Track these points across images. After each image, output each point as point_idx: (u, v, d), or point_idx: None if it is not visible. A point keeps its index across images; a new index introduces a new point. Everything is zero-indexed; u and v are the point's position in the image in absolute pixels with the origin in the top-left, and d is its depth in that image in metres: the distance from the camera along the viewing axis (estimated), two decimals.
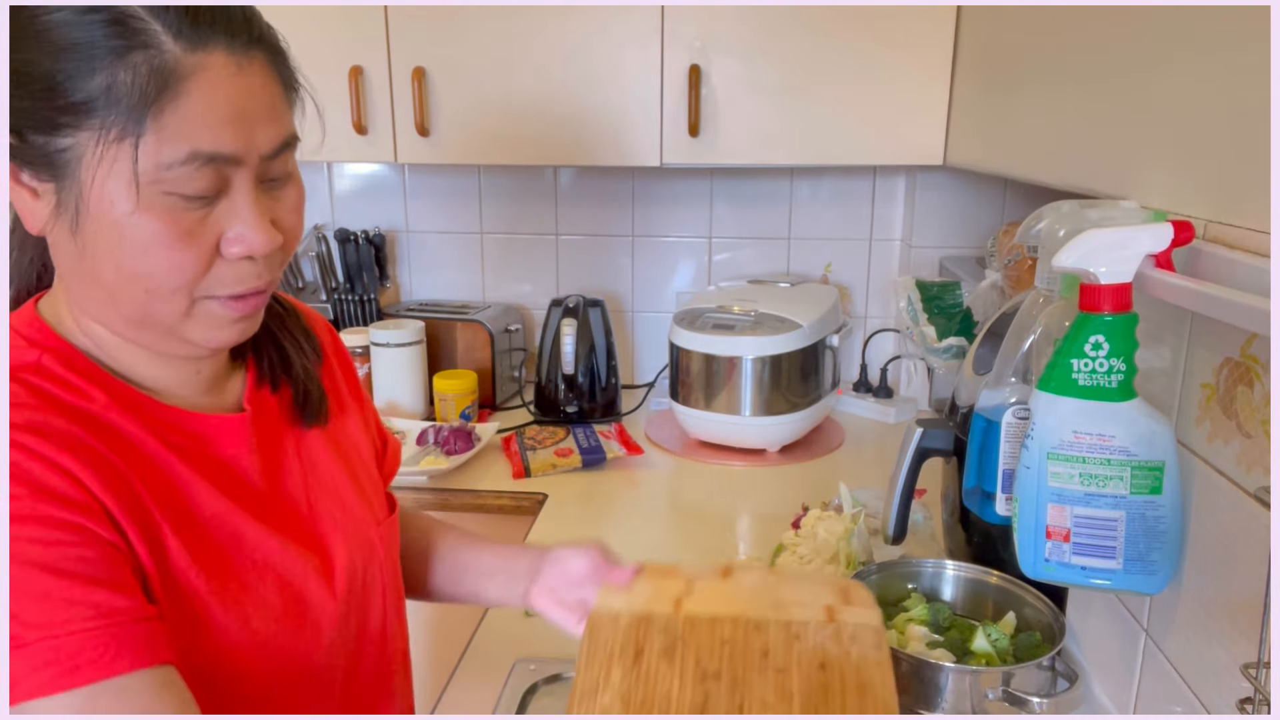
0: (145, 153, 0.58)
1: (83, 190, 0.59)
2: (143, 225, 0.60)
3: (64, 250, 0.64)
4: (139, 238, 0.60)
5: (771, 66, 1.63)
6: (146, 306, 0.63)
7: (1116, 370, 0.78)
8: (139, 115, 0.57)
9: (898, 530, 1.15)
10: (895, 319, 1.97)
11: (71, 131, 0.58)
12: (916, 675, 0.93)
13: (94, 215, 0.60)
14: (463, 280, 2.17)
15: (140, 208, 0.59)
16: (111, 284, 0.62)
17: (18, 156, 0.60)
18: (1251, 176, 0.67)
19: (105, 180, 0.59)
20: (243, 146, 0.61)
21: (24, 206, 0.62)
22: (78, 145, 0.58)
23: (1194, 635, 0.81)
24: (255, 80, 0.61)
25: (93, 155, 0.58)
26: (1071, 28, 1.04)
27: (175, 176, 0.59)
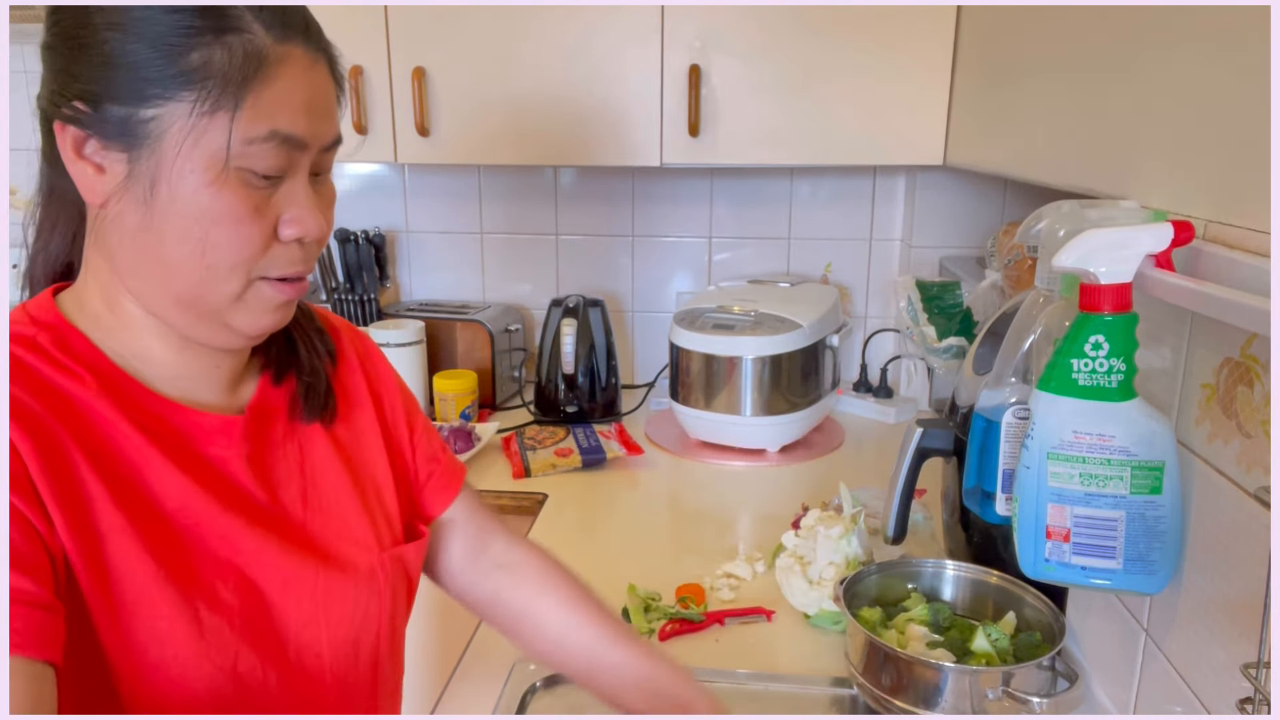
0: (236, 127, 0.62)
1: (163, 160, 0.62)
2: (219, 198, 0.63)
3: (127, 223, 0.64)
4: (213, 210, 0.63)
5: (772, 66, 1.63)
6: (204, 284, 0.65)
7: (1116, 370, 0.78)
8: (236, 91, 0.62)
9: (898, 530, 1.16)
10: (895, 319, 1.97)
11: (161, 102, 0.61)
12: (917, 675, 0.93)
13: (172, 185, 0.62)
14: (463, 280, 2.17)
15: (218, 180, 0.63)
16: (174, 258, 0.64)
17: (90, 127, 0.62)
18: (1252, 176, 0.67)
19: (191, 151, 0.62)
20: (311, 133, 0.66)
21: (85, 179, 0.64)
22: (165, 116, 0.61)
23: (1194, 635, 0.81)
24: (322, 78, 0.68)
25: (182, 126, 0.61)
26: (1071, 27, 1.04)
27: (255, 152, 0.63)
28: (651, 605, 1.18)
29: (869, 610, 1.05)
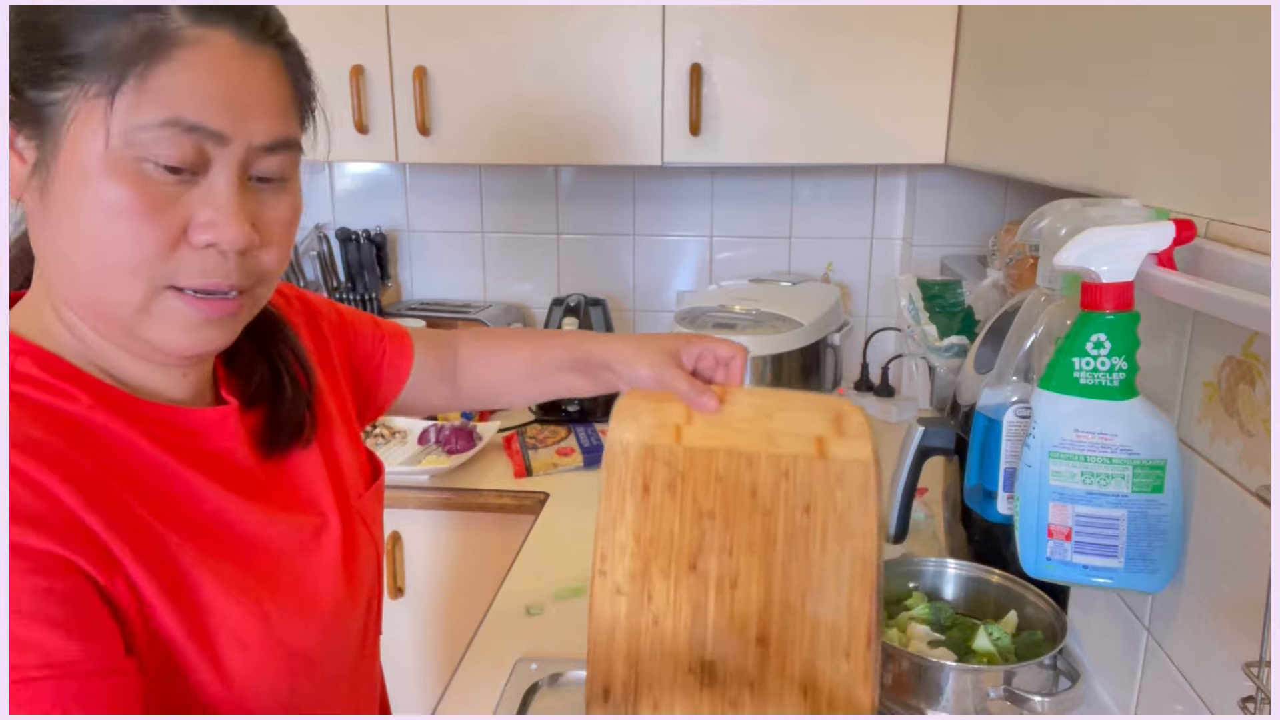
0: (122, 109, 0.56)
1: (59, 147, 0.57)
2: (109, 190, 0.57)
3: (34, 218, 0.60)
4: (104, 203, 0.57)
5: (773, 65, 1.63)
6: (103, 288, 0.59)
7: (1118, 369, 0.78)
8: (122, 71, 0.56)
9: (899, 529, 1.15)
10: (896, 318, 1.97)
11: (63, 84, 0.57)
12: (918, 674, 0.93)
13: (64, 175, 0.57)
14: (464, 279, 2.17)
15: (110, 170, 0.57)
16: (71, 257, 0.59)
17: (15, 115, 0.58)
18: (1253, 174, 0.67)
19: (80, 137, 0.57)
20: (231, 126, 0.59)
21: (14, 171, 0.59)
22: (66, 99, 0.57)
23: (1196, 634, 0.81)
24: (260, 71, 0.61)
25: (71, 113, 0.57)
26: (1072, 26, 1.04)
27: (151, 139, 0.57)
28: None
29: None
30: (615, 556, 0.77)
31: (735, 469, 0.76)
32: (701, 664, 0.72)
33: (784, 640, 0.72)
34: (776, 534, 0.74)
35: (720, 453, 0.77)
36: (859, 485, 0.74)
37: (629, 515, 0.77)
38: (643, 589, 0.76)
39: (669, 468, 0.78)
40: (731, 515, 0.75)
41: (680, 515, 0.76)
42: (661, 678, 0.73)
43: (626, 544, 0.77)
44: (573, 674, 1.07)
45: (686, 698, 0.72)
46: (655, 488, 0.77)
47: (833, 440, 0.75)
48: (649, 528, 0.77)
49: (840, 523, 0.73)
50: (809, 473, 0.75)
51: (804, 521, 0.74)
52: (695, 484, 0.77)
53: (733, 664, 0.72)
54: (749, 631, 0.73)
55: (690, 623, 0.74)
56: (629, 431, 0.80)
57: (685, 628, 0.74)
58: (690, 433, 0.78)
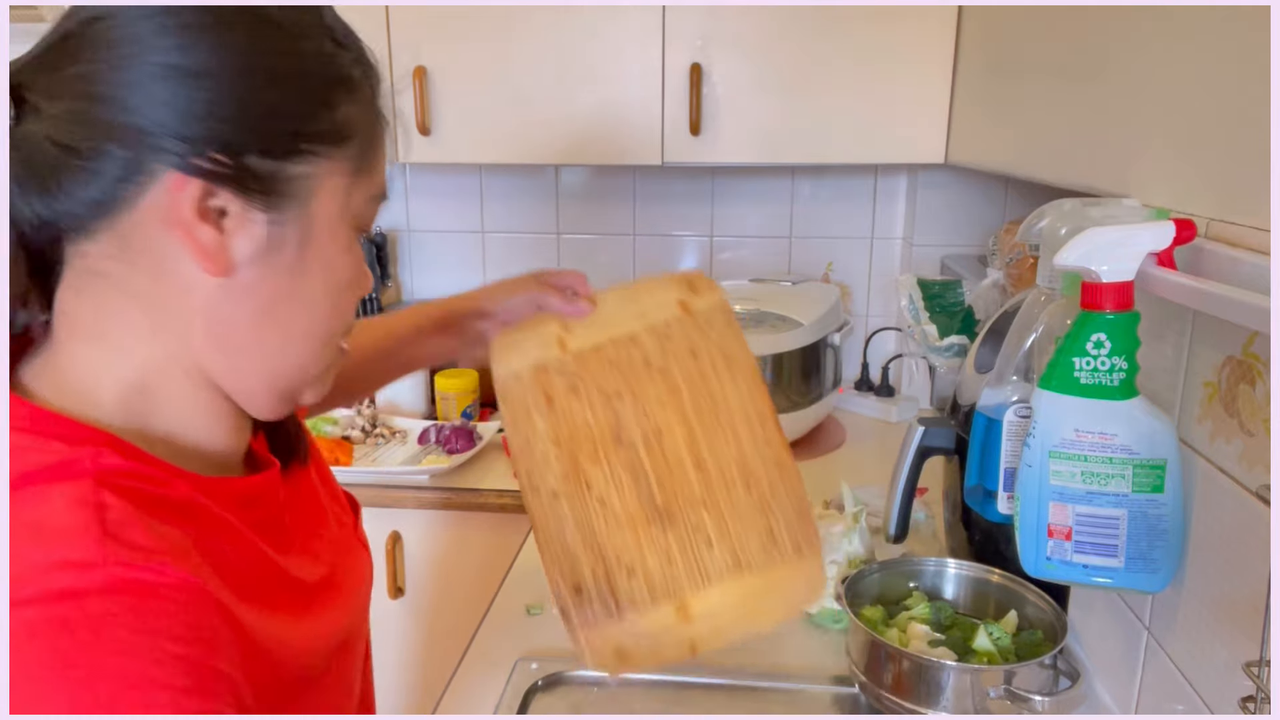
0: (359, 186, 0.57)
1: (315, 223, 0.55)
2: (353, 262, 0.58)
3: (257, 296, 0.54)
4: (348, 275, 0.57)
5: (773, 65, 1.63)
6: (316, 356, 0.58)
7: (1118, 368, 0.78)
8: (371, 151, 0.57)
9: (899, 529, 1.15)
10: (897, 317, 1.97)
11: (313, 159, 0.54)
12: (918, 674, 0.93)
13: (320, 250, 0.55)
14: (464, 279, 2.17)
15: (348, 245, 0.57)
16: (300, 330, 0.57)
17: (225, 182, 0.51)
18: (1254, 174, 0.67)
19: (339, 213, 0.56)
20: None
21: (200, 242, 0.51)
22: (316, 175, 0.54)
23: (1196, 633, 0.81)
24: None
25: (334, 185, 0.55)
26: (1073, 25, 1.04)
27: (368, 214, 0.59)
28: None
29: (870, 609, 1.05)
30: (540, 469, 0.80)
31: (624, 352, 0.84)
32: (657, 512, 0.77)
33: (715, 454, 0.79)
34: (678, 384, 0.82)
35: (606, 345, 0.84)
36: (724, 323, 0.85)
37: (541, 429, 0.81)
38: (579, 481, 0.79)
39: (564, 375, 0.83)
40: (634, 388, 0.82)
41: (590, 407, 0.81)
42: (627, 546, 0.76)
43: (548, 453, 0.80)
44: (574, 674, 1.07)
45: (656, 549, 0.76)
46: (557, 396, 0.82)
47: (691, 299, 0.86)
48: (565, 430, 0.81)
49: (723, 354, 0.83)
50: (683, 329, 0.85)
51: (695, 365, 0.84)
52: (593, 378, 0.83)
53: (682, 497, 0.78)
54: (685, 464, 0.79)
55: (634, 486, 0.79)
56: (514, 362, 0.85)
57: (631, 492, 0.78)
58: (572, 340, 0.85)
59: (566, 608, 0.75)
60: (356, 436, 1.74)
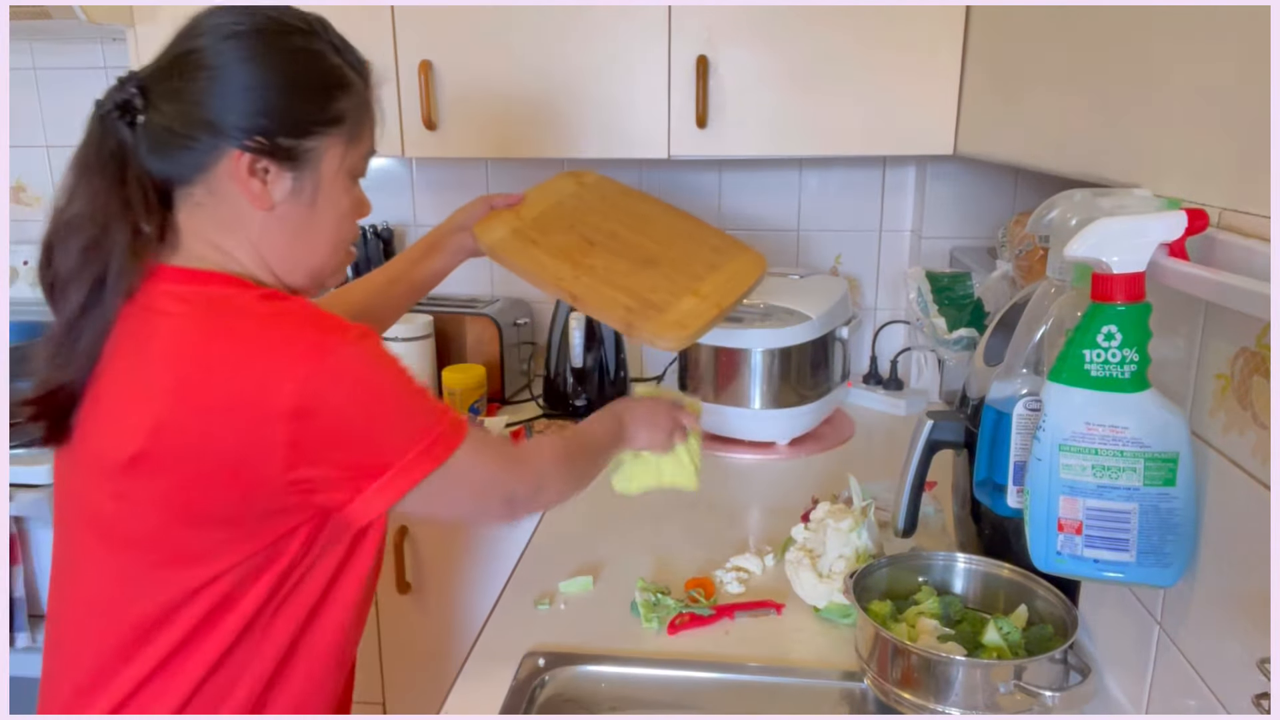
0: (354, 150, 0.92)
1: (322, 176, 0.89)
2: (350, 199, 0.93)
3: (290, 221, 0.89)
4: (347, 207, 0.93)
5: (779, 57, 1.62)
6: (331, 258, 0.94)
7: (1129, 361, 0.77)
8: (356, 128, 0.91)
9: (908, 523, 1.15)
10: (905, 310, 1.96)
11: (320, 136, 0.88)
12: (927, 669, 0.92)
13: (327, 193, 0.90)
14: (470, 274, 2.16)
15: (348, 187, 0.93)
16: (321, 243, 0.92)
17: (265, 154, 0.85)
18: (1266, 164, 0.66)
19: (338, 169, 0.90)
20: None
21: (252, 191, 0.86)
22: (323, 146, 0.88)
23: (1208, 628, 0.80)
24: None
25: (336, 152, 0.89)
26: (1082, 15, 1.03)
27: (364, 166, 0.94)
28: (661, 599, 1.18)
29: (879, 603, 1.05)
30: (557, 269, 1.18)
31: (560, 210, 1.28)
32: (644, 263, 1.20)
33: (653, 231, 1.25)
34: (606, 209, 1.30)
35: (547, 209, 1.28)
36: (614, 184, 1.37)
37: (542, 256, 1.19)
38: (585, 267, 1.18)
39: (532, 228, 1.23)
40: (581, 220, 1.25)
41: (562, 235, 1.23)
42: (641, 280, 1.18)
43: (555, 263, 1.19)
44: (583, 668, 1.07)
45: (660, 276, 1.18)
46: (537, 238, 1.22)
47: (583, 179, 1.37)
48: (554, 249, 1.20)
49: (620, 191, 1.34)
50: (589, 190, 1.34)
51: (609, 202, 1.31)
52: (551, 223, 1.24)
53: (653, 253, 1.21)
54: (641, 240, 1.24)
55: (619, 259, 1.20)
56: (496, 232, 1.23)
57: (621, 260, 1.19)
58: (524, 213, 1.27)
59: (629, 321, 1.13)
60: None
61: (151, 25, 1.71)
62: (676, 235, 1.24)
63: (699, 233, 1.27)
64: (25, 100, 2.15)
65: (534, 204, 1.27)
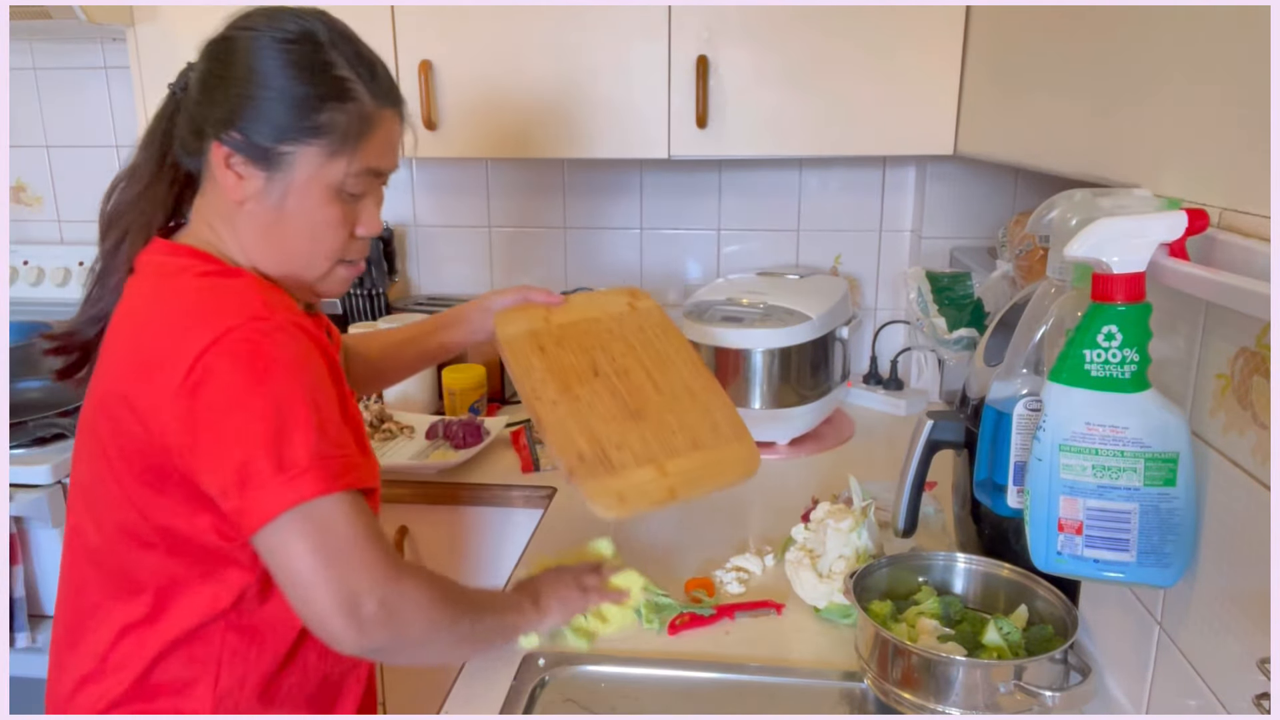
0: (342, 164, 0.92)
1: (293, 182, 0.91)
2: (328, 209, 0.93)
3: (259, 219, 0.92)
4: (325, 218, 0.93)
5: (780, 57, 1.62)
6: (306, 266, 0.95)
7: (1129, 361, 0.77)
8: (353, 143, 0.92)
9: (908, 523, 1.15)
10: (905, 310, 1.96)
11: (296, 143, 0.90)
12: (927, 669, 0.92)
13: (297, 199, 0.92)
14: (471, 274, 2.17)
15: (330, 197, 0.93)
16: (291, 247, 0.94)
17: (239, 149, 0.90)
18: (1266, 164, 0.66)
19: (315, 178, 0.91)
20: (390, 166, 0.97)
21: (228, 183, 0.91)
22: (298, 153, 0.90)
23: (1209, 629, 0.80)
24: (398, 127, 0.98)
25: (311, 162, 0.91)
26: (1082, 15, 1.03)
27: (353, 182, 0.93)
28: (661, 599, 1.18)
29: (879, 603, 1.05)
30: (540, 388, 1.10)
31: (591, 327, 1.20)
32: (631, 413, 1.09)
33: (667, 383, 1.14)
34: (634, 344, 1.18)
35: (579, 321, 1.20)
36: (659, 313, 1.25)
37: (537, 366, 1.13)
38: (571, 395, 1.10)
39: (551, 337, 1.17)
40: (603, 345, 1.17)
41: (572, 354, 1.15)
42: (613, 431, 1.06)
43: (545, 378, 1.11)
44: (583, 668, 1.07)
45: (636, 434, 1.07)
46: (548, 347, 1.16)
47: (635, 302, 1.26)
48: (555, 367, 1.13)
49: (661, 329, 1.22)
50: (633, 316, 1.23)
51: (643, 335, 1.20)
52: (572, 339, 1.17)
53: (649, 405, 1.10)
54: (647, 388, 1.13)
55: (612, 399, 1.10)
56: (514, 327, 1.18)
57: (611, 402, 1.10)
58: (554, 318, 1.20)
59: (574, 469, 1.02)
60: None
61: (151, 25, 1.71)
62: (685, 396, 1.13)
63: (711, 403, 1.13)
64: (25, 100, 2.14)
65: (571, 311, 1.21)
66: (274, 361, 0.83)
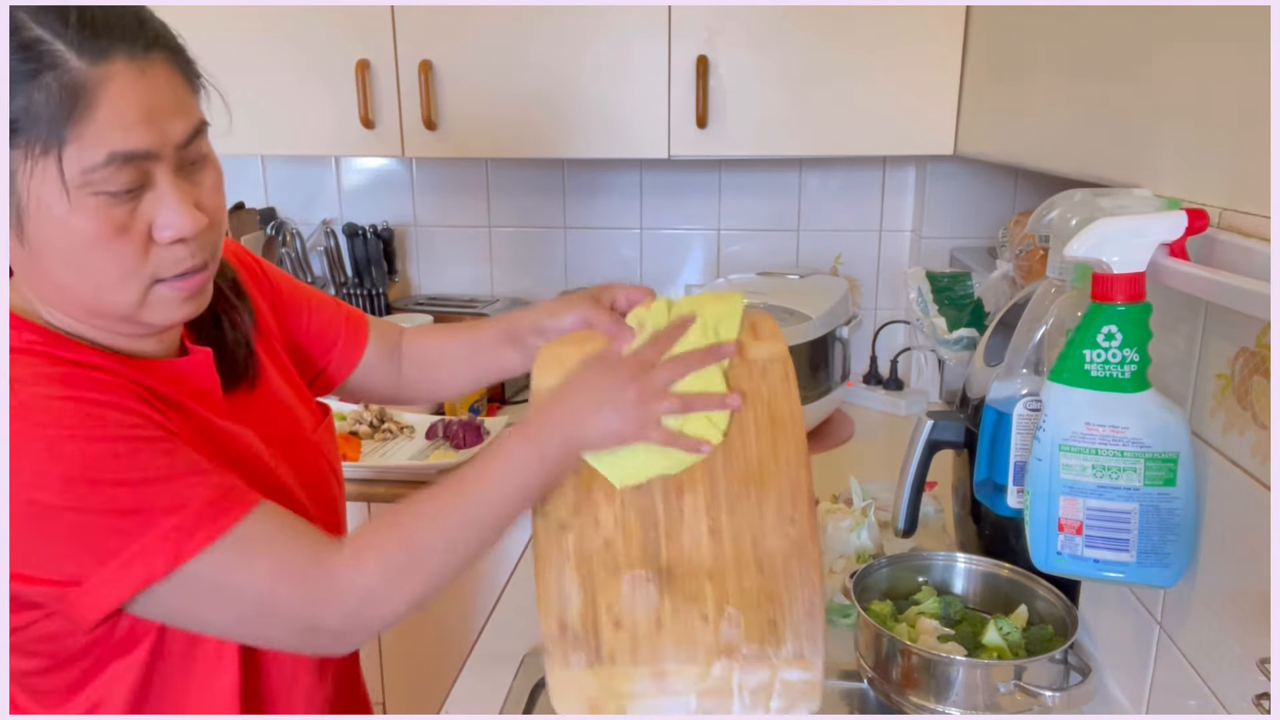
0: (69, 161, 0.63)
1: (21, 201, 0.64)
2: (80, 225, 0.65)
3: (16, 255, 0.68)
4: (79, 236, 0.66)
5: (780, 57, 1.62)
6: (99, 299, 0.69)
7: (1129, 361, 0.77)
8: (58, 129, 0.62)
9: (908, 523, 1.15)
10: (905, 310, 1.96)
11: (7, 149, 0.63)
12: (927, 669, 0.92)
13: (35, 222, 0.65)
14: (471, 274, 2.17)
15: (74, 210, 0.65)
16: (62, 280, 0.68)
17: None
18: (1266, 163, 0.66)
19: (39, 190, 0.64)
20: (157, 142, 0.66)
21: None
22: (13, 161, 0.63)
23: (1208, 628, 0.80)
24: (159, 79, 0.66)
25: (24, 170, 0.63)
26: (1082, 15, 1.03)
27: (100, 178, 0.64)
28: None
29: (879, 603, 1.05)
30: (553, 496, 0.77)
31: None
32: (658, 571, 0.73)
33: (734, 524, 0.74)
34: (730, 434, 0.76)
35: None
36: (780, 377, 0.78)
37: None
38: (589, 517, 0.76)
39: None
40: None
41: None
42: (620, 597, 0.74)
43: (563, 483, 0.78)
44: None
45: (649, 608, 0.73)
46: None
47: (750, 344, 0.79)
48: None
49: (769, 411, 0.77)
50: (734, 373, 0.78)
51: (737, 418, 0.76)
52: None
53: (688, 561, 0.73)
54: (700, 526, 0.74)
55: (641, 536, 0.74)
56: (552, 377, 0.80)
57: (637, 542, 0.74)
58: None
59: (550, 642, 0.75)
60: (364, 431, 1.74)
61: None
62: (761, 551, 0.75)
63: (792, 579, 0.76)
64: None
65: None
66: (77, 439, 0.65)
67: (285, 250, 2.05)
